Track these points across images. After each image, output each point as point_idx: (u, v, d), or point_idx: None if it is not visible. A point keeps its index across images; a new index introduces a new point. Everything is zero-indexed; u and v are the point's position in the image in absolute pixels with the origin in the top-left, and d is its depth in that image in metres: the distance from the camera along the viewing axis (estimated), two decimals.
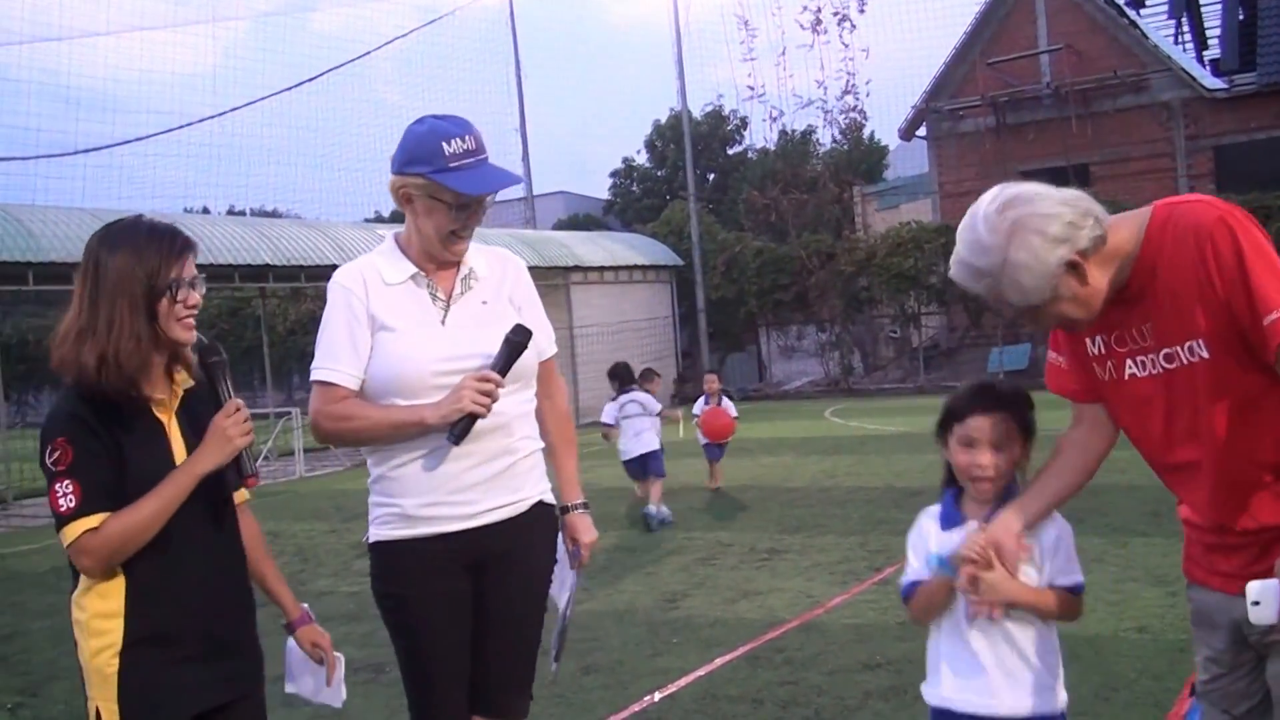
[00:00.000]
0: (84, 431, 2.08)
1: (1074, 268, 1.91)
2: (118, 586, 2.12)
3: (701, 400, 9.82)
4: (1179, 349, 1.97)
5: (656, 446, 8.82)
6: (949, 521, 2.30)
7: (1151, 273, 1.97)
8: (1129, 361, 2.05)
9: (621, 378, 9.29)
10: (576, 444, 2.84)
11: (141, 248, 2.15)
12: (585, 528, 2.74)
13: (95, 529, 2.04)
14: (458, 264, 2.58)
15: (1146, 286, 1.98)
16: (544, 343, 2.69)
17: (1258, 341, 1.88)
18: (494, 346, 2.49)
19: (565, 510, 2.74)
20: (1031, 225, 1.89)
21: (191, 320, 2.19)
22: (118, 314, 2.10)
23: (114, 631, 2.12)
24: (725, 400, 9.74)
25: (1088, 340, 2.12)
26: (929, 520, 2.34)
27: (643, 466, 8.81)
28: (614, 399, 9.11)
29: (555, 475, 2.75)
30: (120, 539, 2.06)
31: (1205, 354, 1.94)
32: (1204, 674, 2.18)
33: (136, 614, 2.12)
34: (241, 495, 2.39)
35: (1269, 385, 1.94)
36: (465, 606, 2.55)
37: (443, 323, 2.52)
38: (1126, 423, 2.14)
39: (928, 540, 2.30)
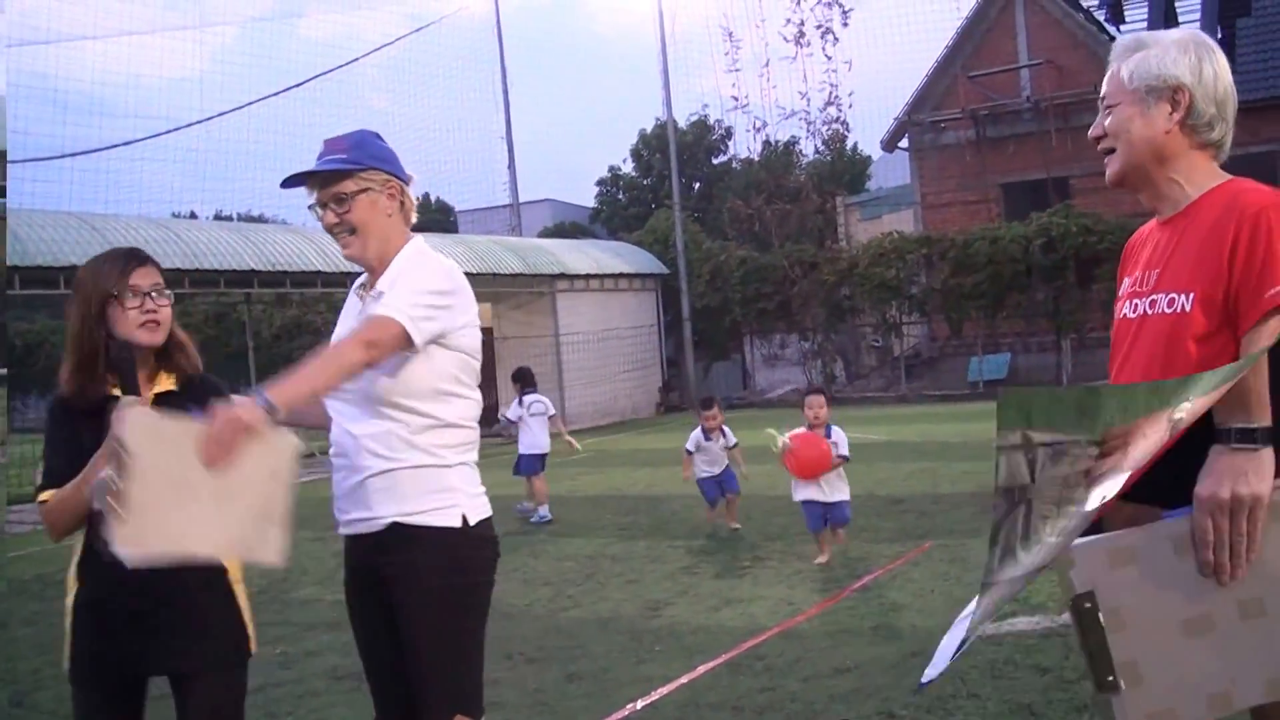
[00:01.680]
0: (54, 423, 2.48)
1: (1175, 98, 2.04)
2: (78, 554, 2.49)
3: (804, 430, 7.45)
4: (1161, 296, 2.04)
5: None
6: None
7: (1190, 218, 2.06)
8: (1126, 303, 2.16)
9: (524, 380, 9.77)
10: (330, 363, 2.31)
11: (99, 264, 2.49)
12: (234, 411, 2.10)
13: (45, 502, 2.44)
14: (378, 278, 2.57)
15: (1178, 228, 2.08)
16: (381, 308, 2.40)
17: (1245, 308, 1.92)
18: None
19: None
20: (1197, 49, 2.05)
21: (153, 324, 2.45)
22: (84, 326, 2.45)
23: (73, 591, 2.50)
24: (835, 430, 7.44)
25: (1121, 283, 2.25)
26: None
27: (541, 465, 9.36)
28: (519, 400, 9.54)
29: None
30: (51, 513, 2.42)
31: (1187, 308, 1.99)
32: None
33: (83, 578, 2.47)
34: None
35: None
36: (374, 604, 2.56)
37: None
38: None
39: None
